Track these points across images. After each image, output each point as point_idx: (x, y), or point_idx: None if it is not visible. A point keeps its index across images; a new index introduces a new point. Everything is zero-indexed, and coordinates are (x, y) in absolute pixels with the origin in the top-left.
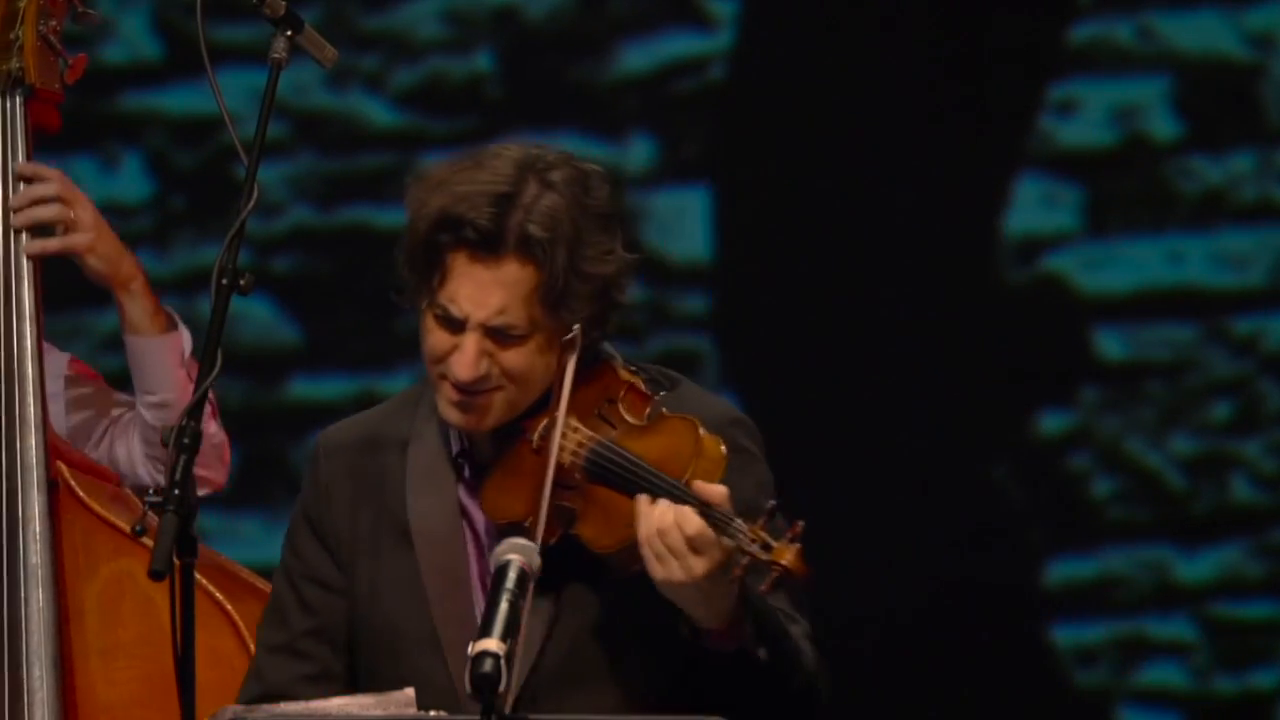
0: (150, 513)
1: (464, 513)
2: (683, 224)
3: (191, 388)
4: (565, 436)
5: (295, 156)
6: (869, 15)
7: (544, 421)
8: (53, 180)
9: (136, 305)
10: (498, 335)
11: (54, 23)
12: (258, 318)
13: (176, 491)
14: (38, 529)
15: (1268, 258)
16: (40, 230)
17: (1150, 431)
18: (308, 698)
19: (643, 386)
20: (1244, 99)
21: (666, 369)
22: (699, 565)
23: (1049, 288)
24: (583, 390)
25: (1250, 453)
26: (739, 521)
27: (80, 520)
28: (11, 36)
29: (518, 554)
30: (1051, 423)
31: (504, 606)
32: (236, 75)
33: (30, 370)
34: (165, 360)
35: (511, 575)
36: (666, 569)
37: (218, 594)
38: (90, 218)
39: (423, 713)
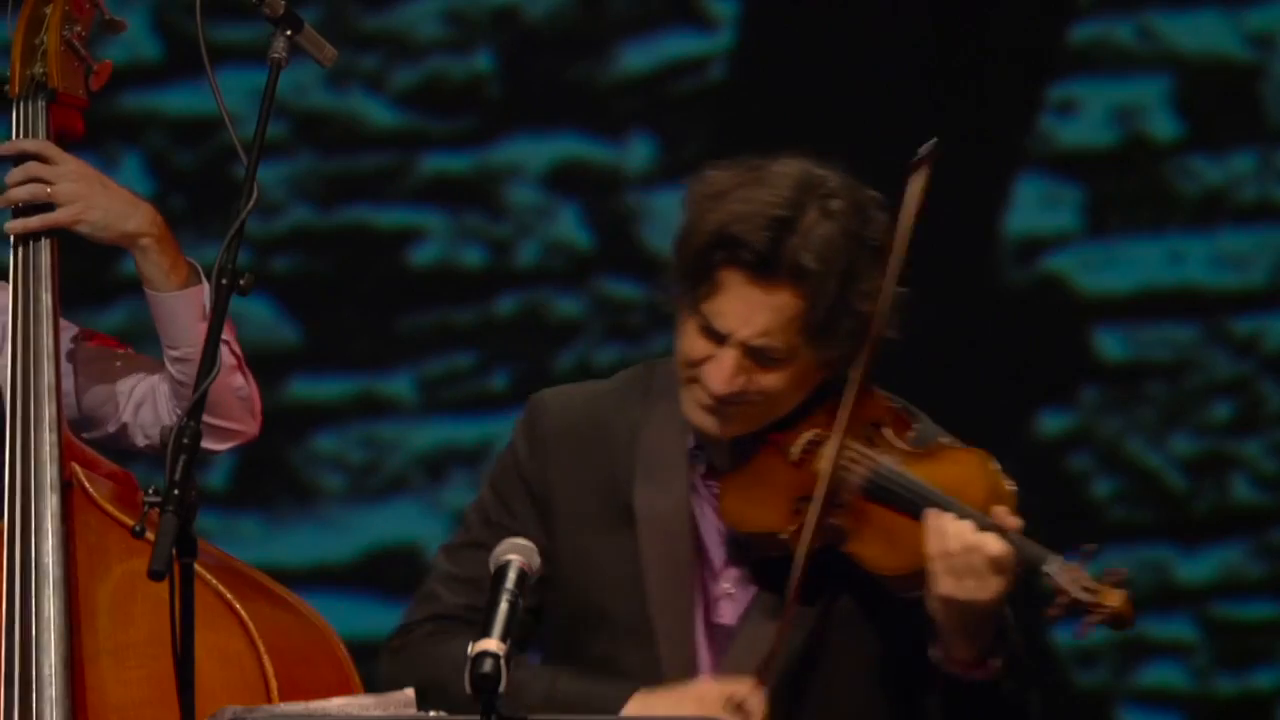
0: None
1: (692, 512)
2: None
3: None
4: (839, 453)
5: (295, 156)
6: (869, 15)
7: (803, 435)
8: (31, 160)
9: (149, 261)
10: (757, 355)
11: (79, 28)
12: (257, 318)
13: (176, 491)
14: (50, 529)
15: (1268, 258)
16: (28, 209)
17: (1150, 432)
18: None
19: (903, 411)
20: (1244, 99)
21: (905, 402)
22: (992, 588)
23: (1049, 288)
24: (851, 410)
25: (1250, 453)
26: (1056, 558)
27: (93, 520)
28: (36, 41)
29: (518, 554)
30: (1052, 423)
31: (504, 606)
32: (236, 75)
33: (47, 371)
34: (185, 314)
35: (511, 575)
36: (959, 588)
37: (227, 593)
38: (71, 190)
39: (422, 713)
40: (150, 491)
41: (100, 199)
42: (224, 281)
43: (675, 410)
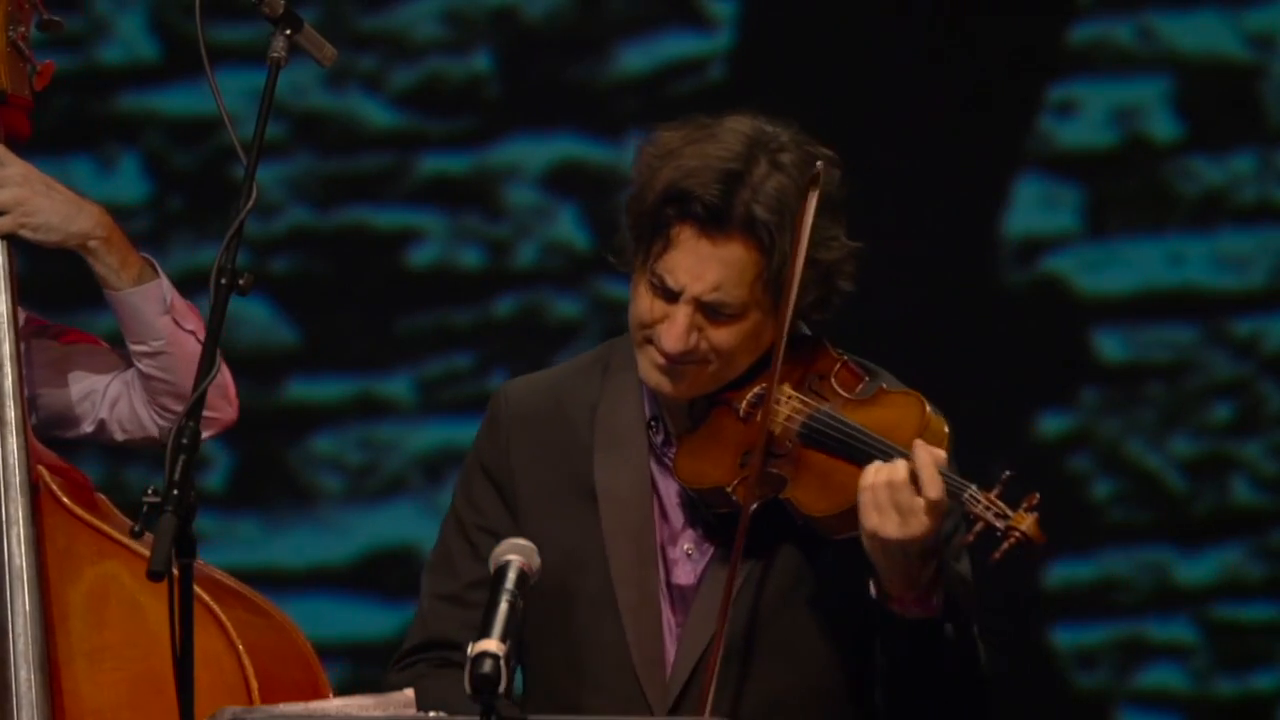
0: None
1: (652, 480)
2: None
3: (179, 334)
4: (780, 403)
5: (293, 157)
6: (868, 15)
7: (752, 390)
8: None
9: (99, 262)
10: (710, 311)
11: (22, 29)
12: (256, 318)
13: (175, 492)
14: (21, 532)
15: (1268, 259)
16: None
17: (1150, 433)
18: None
19: (854, 366)
20: (1244, 99)
21: (861, 359)
22: (917, 525)
23: (1049, 288)
24: (795, 364)
25: (1250, 454)
26: (974, 487)
27: (63, 523)
28: None
29: (517, 554)
30: (1051, 424)
31: (504, 607)
32: (234, 75)
33: (9, 374)
34: (145, 310)
35: (511, 575)
36: (883, 521)
37: (205, 596)
38: (10, 196)
39: (422, 713)
40: (149, 492)
41: (42, 203)
42: (223, 281)
43: (633, 381)
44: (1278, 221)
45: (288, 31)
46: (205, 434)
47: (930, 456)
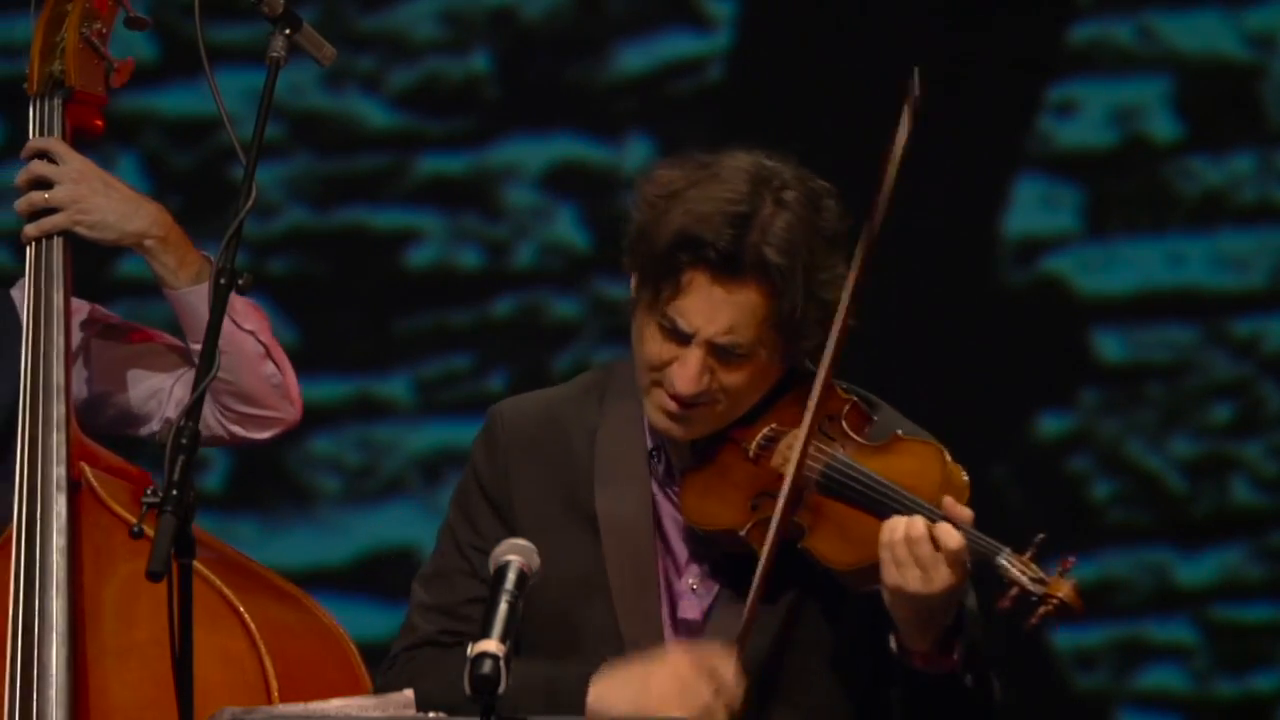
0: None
1: (655, 511)
2: None
3: (239, 333)
4: (792, 447)
5: (292, 157)
6: (868, 15)
7: (761, 431)
8: (38, 158)
9: (157, 261)
10: (721, 353)
11: (99, 25)
12: None
13: (175, 492)
14: (56, 529)
15: (1268, 259)
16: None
17: (1150, 433)
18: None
19: (861, 406)
20: (1244, 100)
21: (862, 391)
22: (940, 580)
23: (1049, 289)
24: (804, 404)
25: (1251, 455)
26: (1008, 551)
27: (103, 520)
28: (56, 39)
29: (517, 554)
30: (1051, 424)
31: (503, 608)
32: (231, 76)
33: (56, 370)
34: (203, 309)
35: (511, 576)
36: (906, 577)
37: (230, 594)
38: (67, 194)
39: (422, 714)
40: (149, 492)
41: (98, 200)
42: (222, 282)
43: (633, 411)
44: (1278, 222)
45: (287, 31)
46: (267, 433)
47: (958, 514)
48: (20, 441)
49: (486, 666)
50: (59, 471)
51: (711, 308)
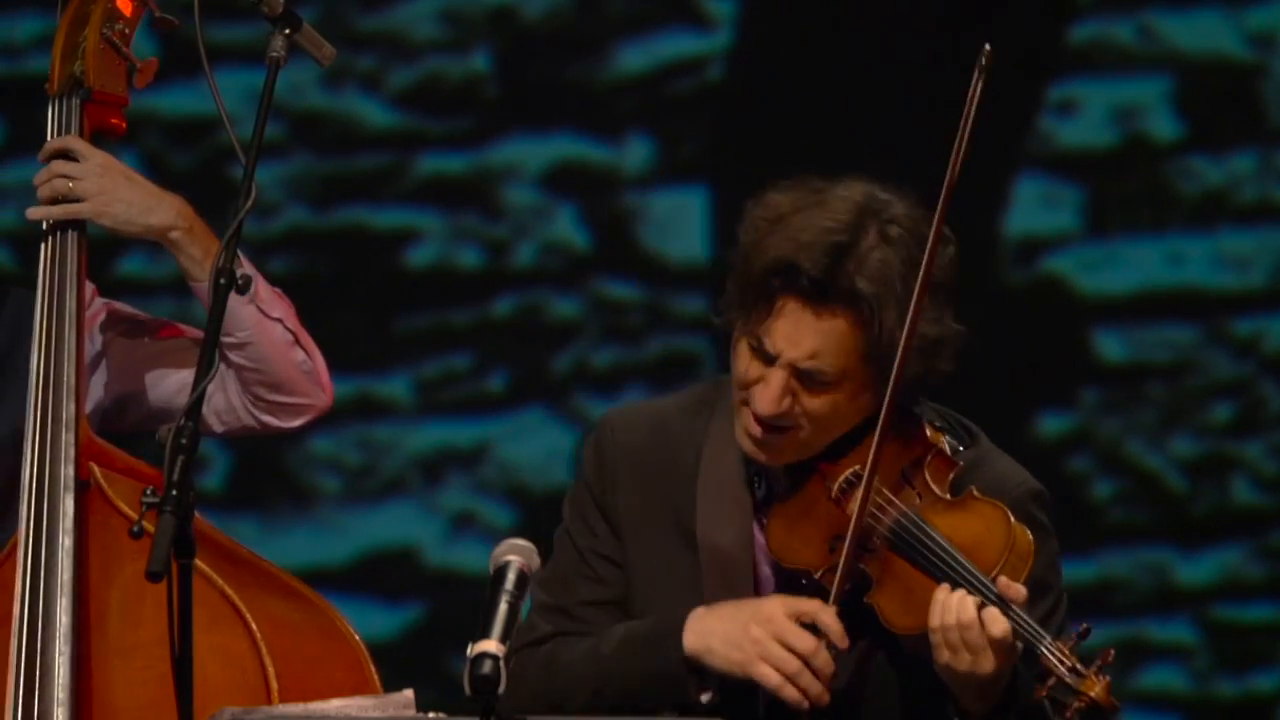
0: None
1: (751, 537)
2: (681, 225)
3: (266, 322)
4: (871, 496)
5: (291, 157)
6: (868, 15)
7: (845, 471)
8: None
9: (181, 254)
10: (805, 378)
11: (121, 26)
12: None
13: (174, 492)
14: (63, 528)
15: (1268, 259)
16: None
17: (1150, 433)
18: (577, 653)
19: (948, 450)
20: (1245, 99)
21: (964, 419)
22: (988, 664)
23: (1049, 288)
24: (890, 446)
25: (1251, 454)
26: (1049, 640)
27: (112, 521)
28: (79, 39)
29: (517, 555)
30: (1051, 424)
31: (503, 608)
32: (231, 75)
33: (68, 370)
34: (230, 301)
35: (511, 577)
36: (956, 659)
37: (232, 593)
38: (94, 186)
39: (422, 714)
40: (148, 492)
41: (123, 193)
42: (222, 281)
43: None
44: (1278, 221)
45: (286, 31)
46: (299, 420)
47: (1012, 594)
48: (30, 441)
49: (486, 667)
50: (68, 471)
51: (798, 333)
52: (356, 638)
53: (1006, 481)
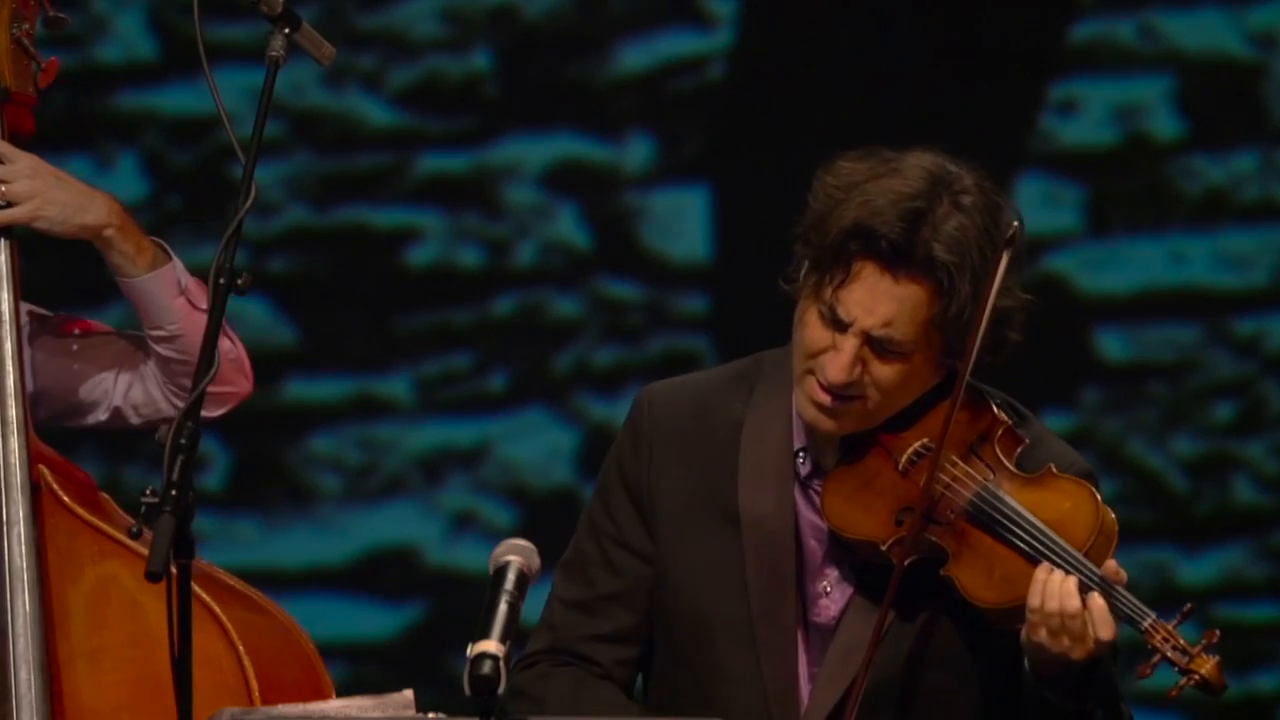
0: (142, 515)
1: (795, 510)
2: (682, 224)
3: (194, 314)
4: (943, 469)
5: (291, 156)
6: (868, 15)
7: (914, 443)
8: None
9: (114, 250)
10: (877, 346)
11: (27, 26)
12: (254, 318)
13: (174, 492)
14: (22, 532)
15: (1270, 258)
16: None
17: (1152, 433)
18: (599, 655)
19: (1015, 430)
20: (1246, 98)
21: (1013, 400)
22: (1086, 649)
23: (1050, 288)
24: (959, 419)
25: (1253, 454)
26: (1153, 617)
27: (64, 523)
28: None
29: (517, 555)
30: (1053, 423)
31: (503, 608)
32: (231, 74)
33: (10, 373)
34: (160, 295)
35: (511, 577)
36: (1054, 643)
37: (205, 596)
38: (26, 188)
39: (422, 714)
40: (148, 492)
41: (56, 194)
42: (221, 281)
43: (781, 406)
44: (1279, 221)
45: (286, 30)
46: (222, 410)
47: (1115, 577)
48: None
49: (486, 667)
50: (20, 475)
51: (873, 299)
52: (304, 632)
53: (1063, 460)
